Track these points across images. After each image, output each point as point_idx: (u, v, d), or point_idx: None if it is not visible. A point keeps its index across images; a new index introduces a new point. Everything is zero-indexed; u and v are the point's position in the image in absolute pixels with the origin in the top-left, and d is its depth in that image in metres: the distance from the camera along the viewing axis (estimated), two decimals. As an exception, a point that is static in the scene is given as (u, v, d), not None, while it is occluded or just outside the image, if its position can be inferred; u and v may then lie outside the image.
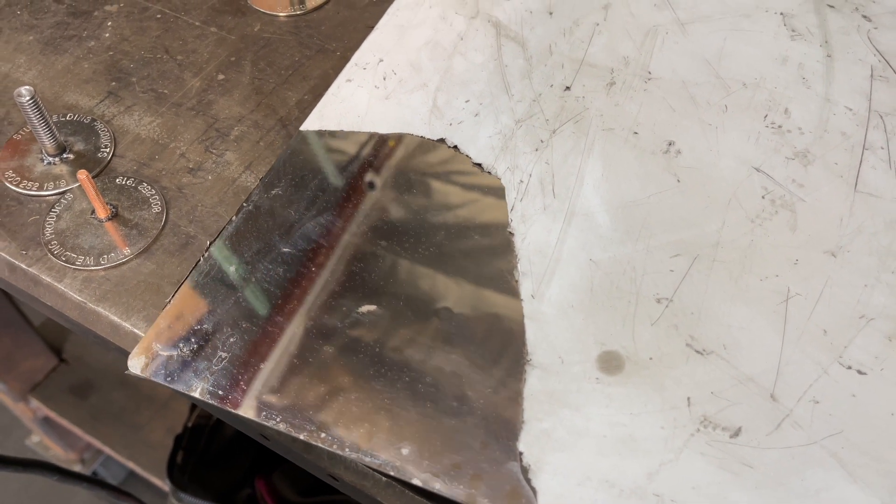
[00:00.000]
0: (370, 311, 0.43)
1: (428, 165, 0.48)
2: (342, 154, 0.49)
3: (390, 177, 0.48)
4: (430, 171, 0.48)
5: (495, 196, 0.46)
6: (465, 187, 0.47)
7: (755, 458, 0.35)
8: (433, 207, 0.46)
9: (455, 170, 0.48)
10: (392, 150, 0.49)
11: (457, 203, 0.47)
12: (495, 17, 0.55)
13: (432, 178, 0.48)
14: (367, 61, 0.54)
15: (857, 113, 0.47)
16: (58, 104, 0.54)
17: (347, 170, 0.49)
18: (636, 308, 0.41)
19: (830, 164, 0.45)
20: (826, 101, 0.47)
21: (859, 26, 0.52)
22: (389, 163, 0.49)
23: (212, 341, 0.42)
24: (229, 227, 0.46)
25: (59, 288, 0.45)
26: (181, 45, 0.57)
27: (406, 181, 0.48)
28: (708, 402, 0.37)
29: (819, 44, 0.51)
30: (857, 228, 0.42)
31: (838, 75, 0.49)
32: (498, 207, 0.46)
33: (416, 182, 0.48)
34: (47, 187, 0.49)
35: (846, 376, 0.37)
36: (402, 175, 0.48)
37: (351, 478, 0.40)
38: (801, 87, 0.49)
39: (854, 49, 0.50)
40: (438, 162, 0.48)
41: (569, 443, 0.37)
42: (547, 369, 0.39)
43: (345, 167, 0.49)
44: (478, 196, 0.46)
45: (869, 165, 0.44)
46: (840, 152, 0.45)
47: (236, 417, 0.41)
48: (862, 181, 0.44)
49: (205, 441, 0.97)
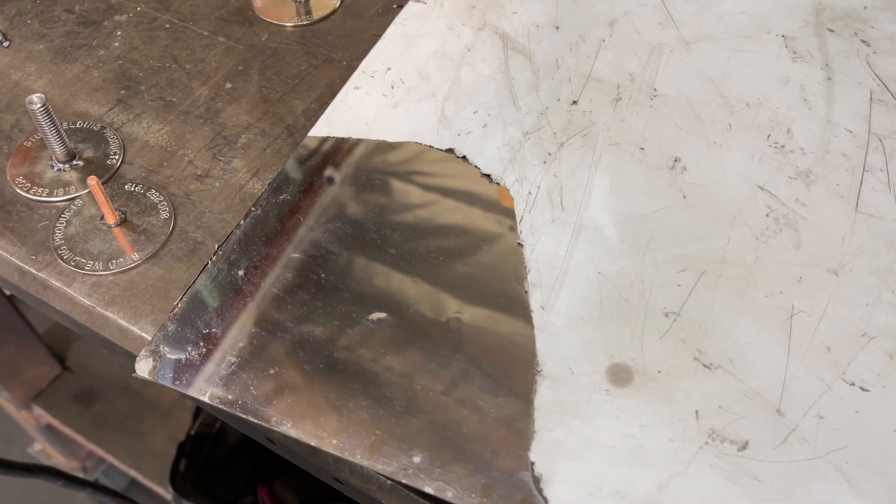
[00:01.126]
0: (380, 318, 0.43)
1: (436, 176, 0.49)
2: (349, 161, 0.50)
3: (399, 185, 0.49)
4: (438, 181, 0.49)
5: (504, 207, 0.47)
6: (472, 198, 0.48)
7: (762, 472, 0.36)
8: (442, 216, 0.47)
9: (464, 181, 0.48)
10: (400, 158, 0.50)
11: (466, 213, 0.47)
12: (502, 30, 0.56)
13: (440, 188, 0.48)
14: (374, 69, 0.54)
15: (857, 135, 0.48)
16: (68, 112, 0.54)
17: (354, 176, 0.49)
18: (644, 321, 0.41)
19: (832, 185, 0.46)
20: (827, 122, 0.48)
21: (858, 50, 0.53)
22: (398, 171, 0.49)
23: (220, 345, 0.42)
24: (237, 232, 0.47)
25: (68, 292, 0.45)
26: (189, 54, 0.57)
27: (415, 190, 0.48)
28: (716, 416, 0.38)
29: (820, 66, 0.52)
30: (858, 248, 0.43)
31: (839, 98, 0.50)
32: (507, 219, 0.46)
33: (425, 192, 0.48)
34: (57, 193, 0.49)
35: (850, 393, 0.38)
36: (411, 184, 0.49)
37: (356, 481, 0.40)
38: (803, 109, 0.50)
39: (853, 72, 0.51)
40: (447, 173, 0.49)
41: (579, 453, 0.37)
42: (557, 380, 0.40)
43: (352, 174, 0.49)
44: (486, 207, 0.47)
45: (869, 187, 0.45)
46: (841, 173, 0.46)
47: (244, 422, 0.41)
48: (863, 202, 0.45)
49: (207, 449, 0.97)
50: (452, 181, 0.49)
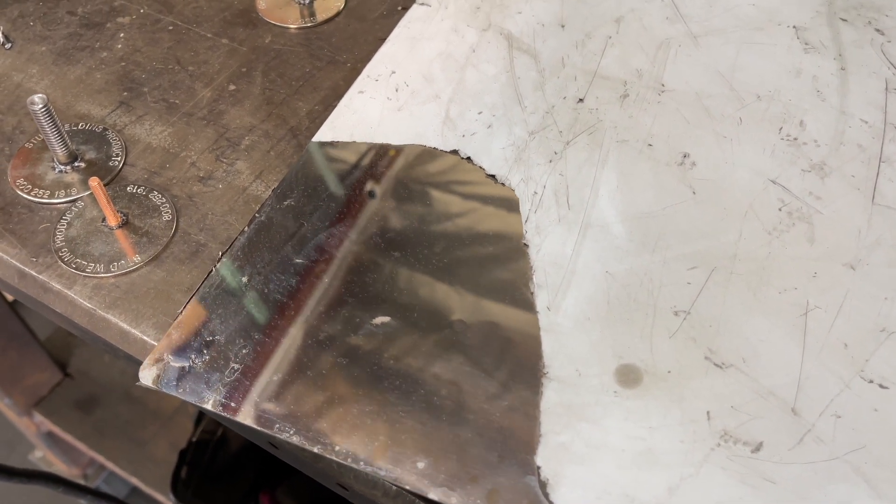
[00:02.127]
0: (384, 322, 0.42)
1: (440, 177, 0.48)
2: (354, 165, 0.49)
3: (403, 188, 0.48)
4: (442, 182, 0.48)
5: (509, 207, 0.46)
6: (478, 199, 0.47)
7: (777, 474, 0.35)
8: (446, 218, 0.46)
9: (468, 181, 0.48)
10: (405, 161, 0.49)
11: (471, 214, 0.46)
12: (507, 30, 0.55)
13: (445, 189, 0.48)
14: (379, 73, 0.54)
15: (873, 126, 0.46)
16: (70, 114, 0.53)
17: (359, 181, 0.48)
18: (654, 320, 0.40)
19: (847, 177, 0.44)
20: (841, 113, 0.47)
21: (872, 39, 0.52)
22: (402, 174, 0.48)
23: (224, 352, 0.42)
24: (241, 238, 0.46)
25: (69, 295, 0.45)
26: (193, 56, 0.57)
27: (419, 193, 0.47)
28: (728, 416, 0.37)
29: (833, 57, 0.51)
30: (875, 241, 0.42)
31: (853, 88, 0.49)
32: (512, 219, 0.45)
33: (428, 193, 0.47)
34: (58, 195, 0.48)
35: (868, 390, 0.37)
36: (415, 186, 0.48)
37: (360, 487, 0.39)
38: (816, 100, 0.48)
39: (868, 62, 0.50)
40: (451, 173, 0.48)
41: (587, 456, 0.36)
42: (564, 382, 0.39)
43: (357, 178, 0.48)
44: (492, 208, 0.46)
45: (886, 178, 0.44)
46: (857, 165, 0.45)
47: (248, 428, 0.40)
48: (879, 193, 0.43)
49: (209, 456, 0.97)
50: (460, 182, 0.48)
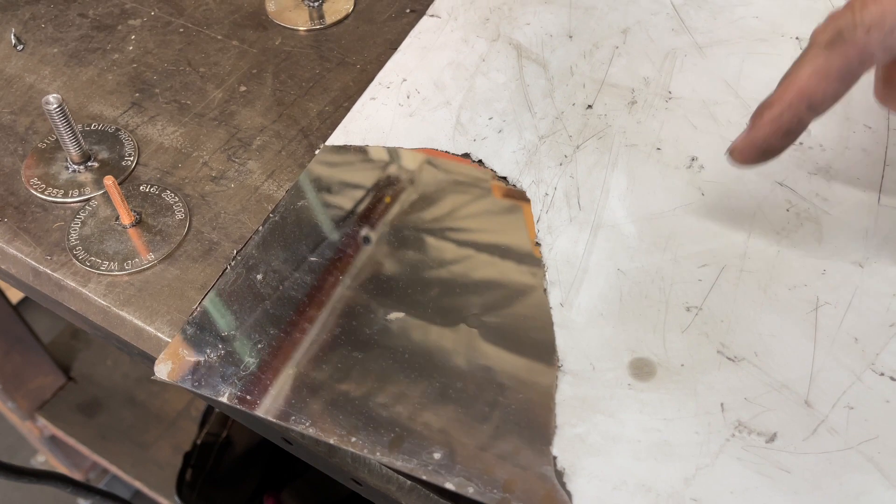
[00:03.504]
0: (398, 318, 0.43)
1: (453, 180, 0.49)
2: (367, 168, 0.50)
3: (416, 190, 0.48)
4: (455, 185, 0.49)
5: (521, 207, 0.47)
6: (490, 199, 0.47)
7: (792, 464, 0.35)
8: (460, 217, 0.47)
9: (480, 183, 0.48)
10: (417, 163, 0.50)
11: (484, 213, 0.47)
12: (516, 40, 0.56)
13: (458, 191, 0.48)
14: (390, 80, 0.54)
15: (877, 131, 0.48)
16: (82, 114, 0.54)
17: (372, 183, 0.49)
18: (666, 316, 0.41)
19: (853, 179, 0.45)
20: (846, 119, 0.48)
21: (873, 51, 0.53)
22: (415, 177, 0.49)
23: (239, 347, 0.42)
24: (256, 237, 0.46)
25: (84, 293, 0.45)
26: (203, 57, 0.57)
27: (432, 194, 0.48)
28: (742, 408, 0.37)
29: (834, 67, 0.52)
30: (882, 240, 0.42)
31: (856, 95, 0.49)
32: (524, 219, 0.46)
33: (442, 194, 0.48)
34: (72, 194, 0.49)
35: (879, 382, 0.37)
36: (428, 188, 0.48)
37: (375, 482, 0.40)
38: (820, 108, 0.49)
39: (870, 70, 0.51)
40: (463, 176, 0.49)
41: (603, 447, 0.37)
42: (578, 375, 0.39)
43: (370, 180, 0.49)
44: (504, 208, 0.47)
45: (891, 180, 0.45)
46: (862, 168, 0.46)
47: (263, 423, 0.40)
48: (885, 195, 0.44)
49: (213, 459, 0.96)
50: (473, 184, 0.49)
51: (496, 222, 0.46)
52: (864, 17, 0.35)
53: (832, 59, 0.36)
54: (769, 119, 0.37)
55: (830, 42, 0.35)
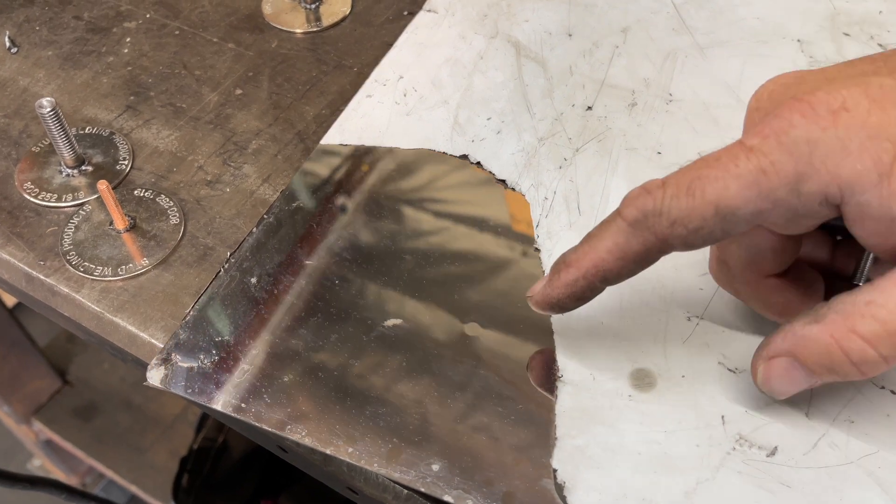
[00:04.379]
0: (396, 325, 0.42)
1: (447, 180, 0.48)
2: (363, 167, 0.49)
3: (411, 190, 0.48)
4: (450, 186, 0.48)
5: (520, 213, 0.46)
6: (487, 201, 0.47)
7: (793, 478, 0.35)
8: (457, 221, 0.46)
9: (477, 186, 0.48)
10: (413, 164, 0.49)
11: (480, 218, 0.46)
12: (515, 38, 0.56)
13: (454, 192, 0.48)
14: (386, 78, 0.54)
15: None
16: (76, 118, 0.53)
17: (368, 183, 0.48)
18: (667, 325, 0.40)
19: (855, 187, 0.45)
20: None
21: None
22: (410, 177, 0.49)
23: (233, 353, 0.42)
24: (249, 240, 0.46)
25: (77, 298, 0.44)
26: (199, 60, 0.56)
27: (429, 196, 0.48)
28: (743, 421, 0.37)
29: (837, 70, 0.51)
30: (884, 250, 0.42)
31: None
32: (523, 224, 0.46)
33: (438, 197, 0.47)
34: (65, 199, 0.48)
35: (879, 396, 0.37)
36: (424, 190, 0.48)
37: (371, 491, 0.39)
38: (822, 111, 0.49)
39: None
40: (458, 177, 0.48)
41: (603, 460, 0.36)
42: (578, 386, 0.39)
43: (365, 180, 0.48)
44: (502, 212, 0.46)
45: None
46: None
47: (257, 431, 0.40)
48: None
49: (210, 464, 0.96)
50: (468, 186, 0.48)
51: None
52: (672, 210, 0.32)
53: (632, 241, 0.34)
54: (564, 283, 0.36)
55: (634, 222, 0.33)
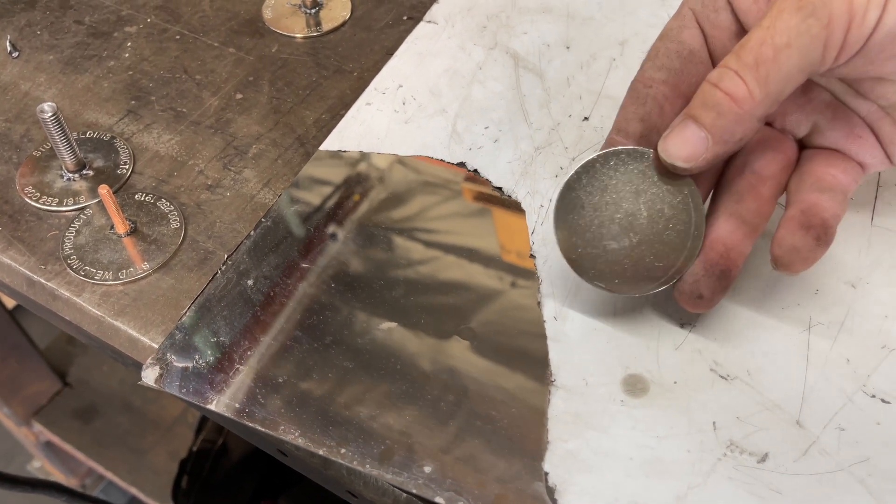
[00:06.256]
0: (390, 328, 0.43)
1: (444, 189, 0.49)
2: (361, 173, 0.50)
3: (408, 197, 0.48)
4: (446, 194, 0.49)
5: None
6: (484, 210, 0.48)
7: (783, 484, 0.35)
8: (453, 229, 0.47)
9: (476, 193, 0.48)
10: (410, 171, 0.50)
11: (476, 225, 0.47)
12: (513, 49, 0.56)
13: (449, 201, 0.48)
14: (386, 86, 0.54)
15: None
16: (77, 122, 0.54)
17: (366, 189, 0.49)
18: (660, 332, 0.41)
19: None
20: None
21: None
22: (407, 184, 0.49)
23: (229, 354, 0.42)
24: (247, 242, 0.46)
25: (78, 302, 0.45)
26: (200, 65, 0.57)
27: (425, 202, 0.48)
28: (734, 427, 0.37)
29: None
30: (875, 261, 0.43)
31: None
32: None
33: (434, 203, 0.48)
34: (66, 203, 0.49)
35: (870, 404, 0.38)
36: (420, 196, 0.48)
37: (370, 495, 0.39)
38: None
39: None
40: (455, 186, 0.49)
41: (595, 464, 0.37)
42: (571, 391, 0.39)
43: (363, 187, 0.49)
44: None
45: (884, 202, 0.45)
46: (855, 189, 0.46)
47: (253, 432, 0.40)
48: (878, 216, 0.44)
49: (210, 466, 0.96)
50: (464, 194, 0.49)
51: (473, 226, 0.46)
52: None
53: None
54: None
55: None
